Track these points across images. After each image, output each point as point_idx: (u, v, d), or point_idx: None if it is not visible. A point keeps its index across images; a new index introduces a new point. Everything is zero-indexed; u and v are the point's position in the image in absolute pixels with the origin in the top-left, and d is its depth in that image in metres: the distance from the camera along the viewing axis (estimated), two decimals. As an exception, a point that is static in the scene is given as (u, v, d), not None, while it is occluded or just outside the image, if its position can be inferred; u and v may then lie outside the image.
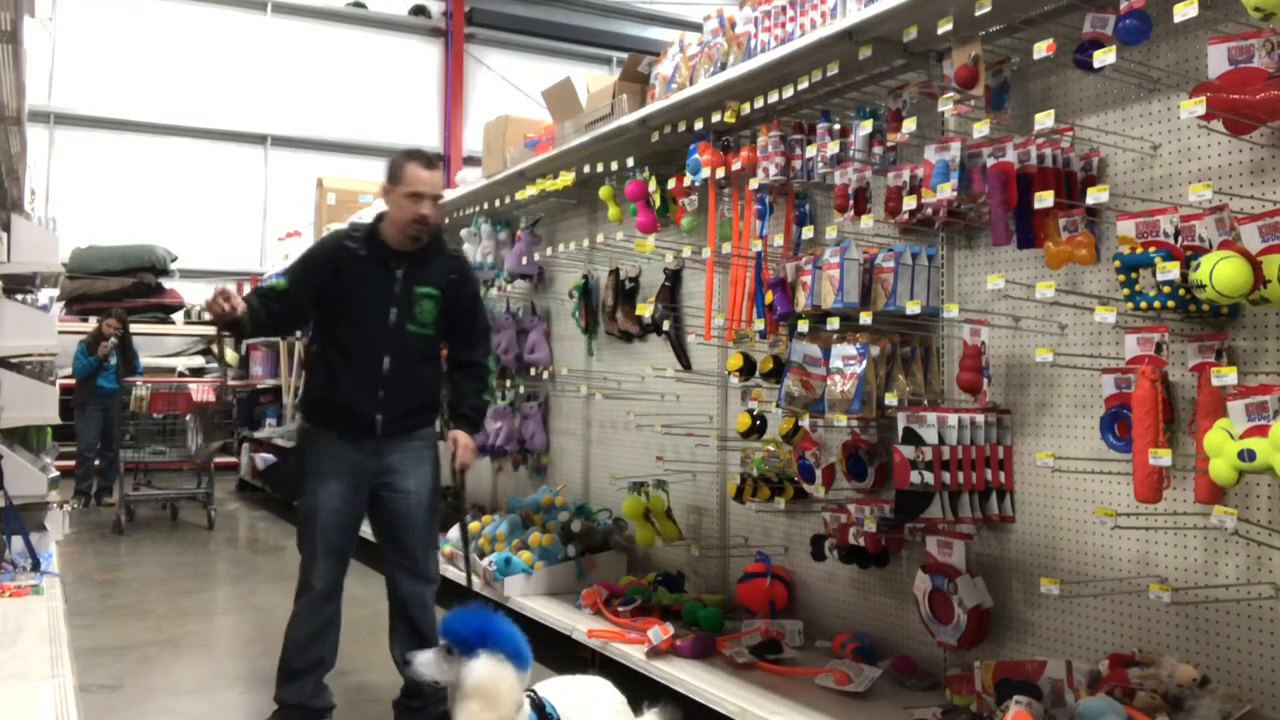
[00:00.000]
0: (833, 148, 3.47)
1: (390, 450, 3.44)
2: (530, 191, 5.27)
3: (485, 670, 2.42)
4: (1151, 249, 2.42)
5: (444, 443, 3.57)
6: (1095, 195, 2.57)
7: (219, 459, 8.92)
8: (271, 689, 3.45)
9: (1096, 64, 2.53)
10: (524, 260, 5.64)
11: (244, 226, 13.08)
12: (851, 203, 3.42)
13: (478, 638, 2.48)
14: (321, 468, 3.42)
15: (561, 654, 4.09)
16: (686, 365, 4.55)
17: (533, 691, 2.63)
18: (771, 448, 3.86)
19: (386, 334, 3.42)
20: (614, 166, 4.73)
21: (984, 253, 3.20)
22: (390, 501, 3.46)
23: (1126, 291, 2.48)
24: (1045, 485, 2.98)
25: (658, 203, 4.43)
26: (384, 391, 3.40)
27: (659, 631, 3.59)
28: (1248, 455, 2.09)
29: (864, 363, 3.18)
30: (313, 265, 3.54)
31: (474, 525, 5.26)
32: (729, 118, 3.85)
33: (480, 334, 3.68)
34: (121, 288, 10.98)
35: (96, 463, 9.02)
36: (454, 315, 3.56)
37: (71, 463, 8.84)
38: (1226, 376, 2.24)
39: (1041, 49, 2.63)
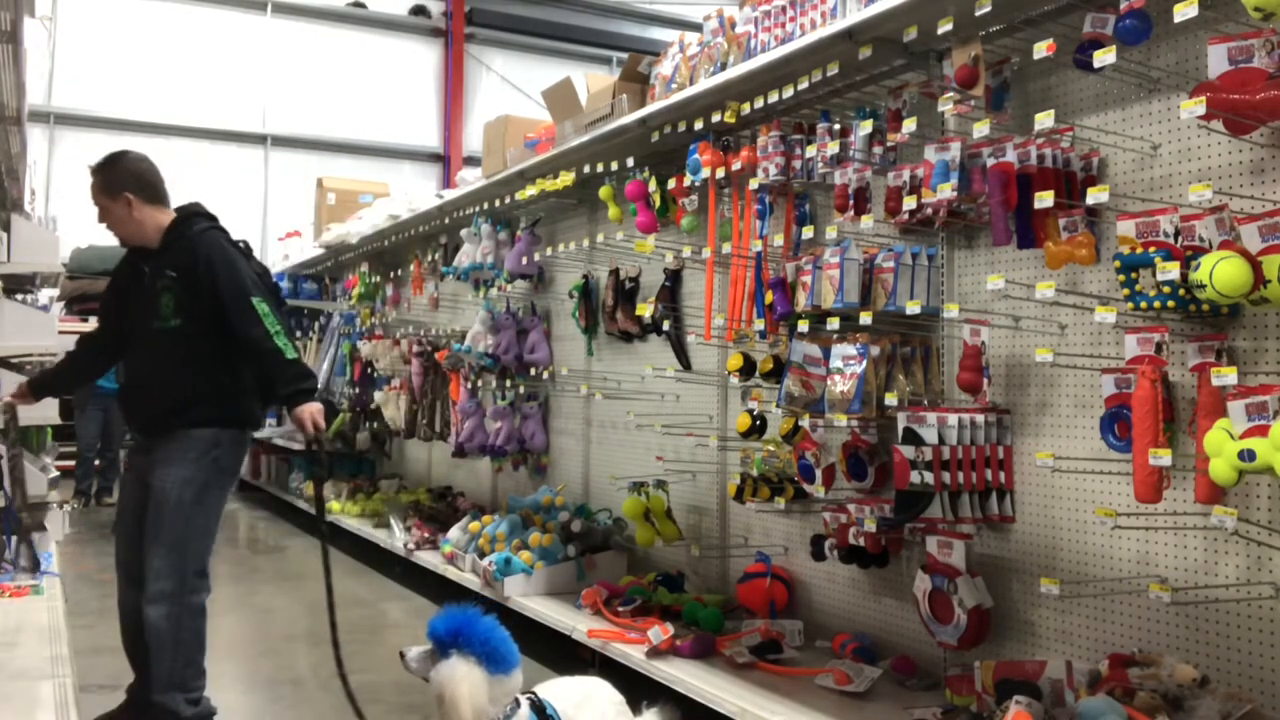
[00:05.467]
0: (833, 148, 3.47)
1: (153, 448, 3.36)
2: (530, 191, 5.26)
3: (446, 673, 2.43)
4: (1151, 249, 2.42)
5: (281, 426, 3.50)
6: (1095, 195, 2.57)
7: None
8: (271, 689, 3.46)
9: (1096, 64, 2.53)
10: (524, 260, 5.64)
11: (244, 226, 13.02)
12: (851, 203, 3.42)
13: (451, 638, 2.47)
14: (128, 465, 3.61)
15: (561, 654, 4.09)
16: (686, 365, 4.55)
17: (533, 693, 2.63)
18: (771, 448, 3.86)
19: (138, 335, 3.42)
20: (614, 166, 4.73)
21: (984, 253, 3.20)
22: (146, 499, 3.32)
23: (1126, 291, 2.48)
24: (1045, 485, 2.98)
25: (658, 203, 4.43)
26: (136, 395, 3.44)
27: (659, 631, 3.59)
28: (1248, 455, 2.09)
29: (864, 363, 3.18)
30: (110, 283, 3.63)
31: (474, 525, 5.27)
32: (729, 118, 3.85)
33: (238, 309, 3.31)
34: (121, 288, 10.97)
35: (96, 463, 9.03)
36: (200, 303, 3.32)
37: (71, 463, 8.84)
38: (1226, 376, 2.24)
39: (1041, 49, 2.63)
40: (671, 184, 4.30)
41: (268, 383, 3.43)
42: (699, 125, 4.02)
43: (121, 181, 3.44)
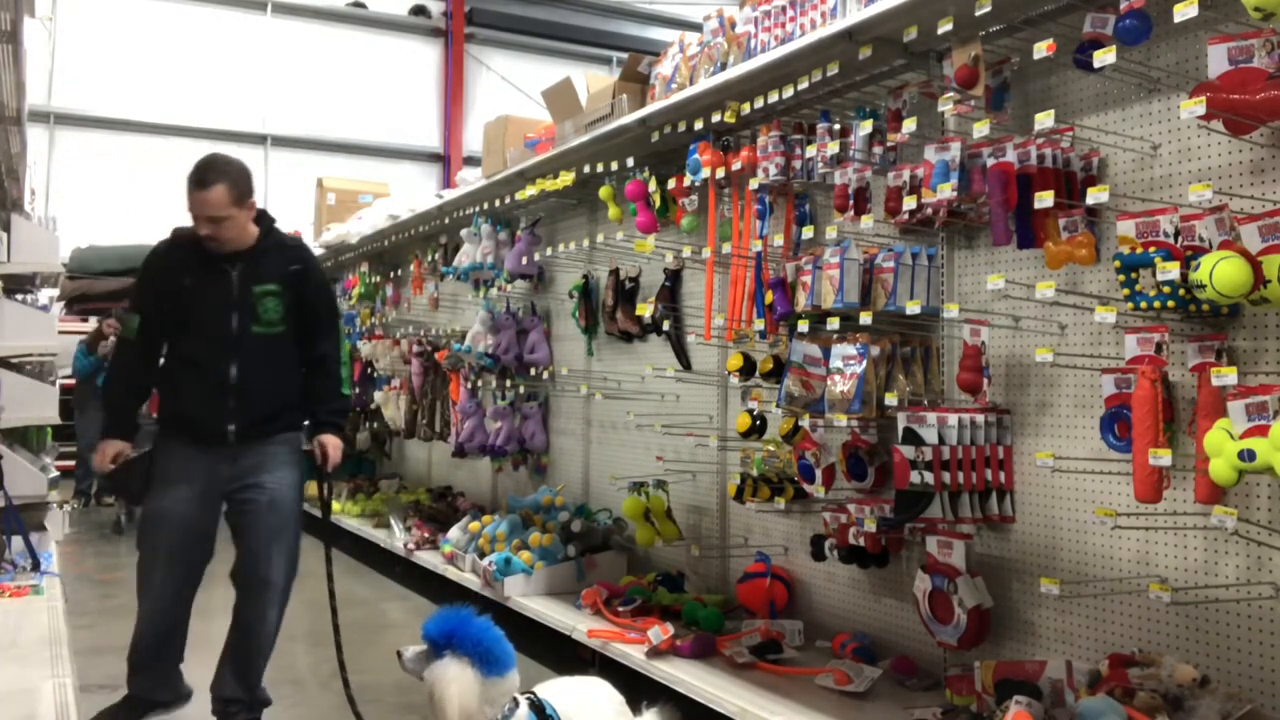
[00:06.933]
0: (833, 148, 3.47)
1: (246, 455, 3.32)
2: (530, 191, 5.26)
3: (438, 674, 2.46)
4: (1151, 249, 2.42)
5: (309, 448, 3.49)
6: (1095, 195, 2.56)
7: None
8: (271, 688, 3.46)
9: (1096, 64, 2.52)
10: (524, 260, 5.64)
11: (244, 226, 13.09)
12: (851, 203, 3.42)
13: (444, 639, 2.48)
14: (169, 474, 3.30)
15: (561, 654, 4.09)
16: (686, 365, 4.55)
17: (532, 693, 2.64)
18: (771, 448, 3.86)
19: (231, 340, 3.30)
20: (614, 166, 4.73)
21: (984, 253, 3.20)
22: (244, 504, 3.34)
23: (1126, 291, 2.48)
24: (1045, 485, 2.98)
25: (658, 203, 4.43)
26: (234, 400, 3.29)
27: (659, 631, 3.59)
28: (1248, 455, 2.09)
29: (864, 363, 3.18)
30: (155, 286, 3.41)
31: (474, 525, 5.27)
32: (729, 118, 3.85)
33: (328, 325, 3.52)
34: (122, 288, 10.91)
35: (96, 463, 9.01)
36: (300, 309, 3.43)
37: (71, 463, 8.84)
38: (1226, 376, 2.24)
39: (1041, 49, 2.63)
40: (671, 184, 4.30)
41: (313, 399, 3.51)
42: (699, 125, 4.02)
43: (250, 186, 3.42)
